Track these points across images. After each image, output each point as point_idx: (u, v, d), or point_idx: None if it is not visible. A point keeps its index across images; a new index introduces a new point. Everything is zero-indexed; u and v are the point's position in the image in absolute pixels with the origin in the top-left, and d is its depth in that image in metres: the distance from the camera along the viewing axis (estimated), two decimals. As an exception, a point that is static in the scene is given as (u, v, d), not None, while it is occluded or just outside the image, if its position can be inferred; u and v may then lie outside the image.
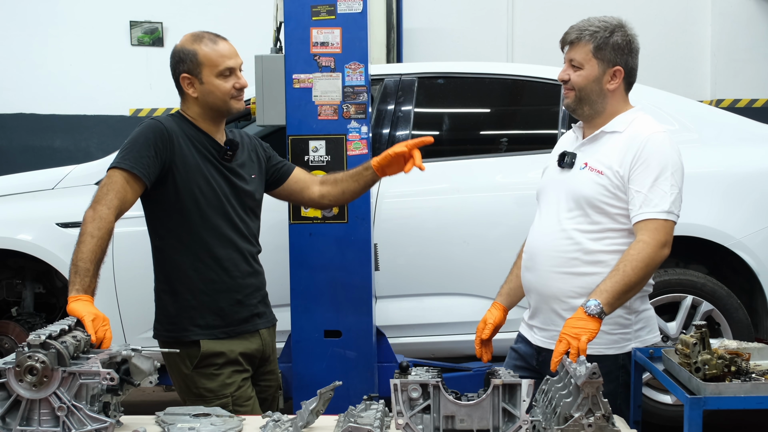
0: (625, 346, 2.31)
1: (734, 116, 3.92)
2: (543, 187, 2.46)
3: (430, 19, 7.54)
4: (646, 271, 2.13)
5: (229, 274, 2.40)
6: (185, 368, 2.37)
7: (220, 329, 2.39)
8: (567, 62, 2.33)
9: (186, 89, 2.39)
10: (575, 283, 2.28)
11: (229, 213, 2.40)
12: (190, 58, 2.36)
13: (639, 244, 2.15)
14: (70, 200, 3.53)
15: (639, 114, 2.34)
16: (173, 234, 2.37)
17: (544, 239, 2.35)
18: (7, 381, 1.70)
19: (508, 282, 2.56)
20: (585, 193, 2.27)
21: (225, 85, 2.37)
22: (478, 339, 2.49)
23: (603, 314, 2.06)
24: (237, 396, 2.37)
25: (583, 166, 2.31)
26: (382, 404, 1.89)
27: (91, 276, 2.08)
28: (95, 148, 7.40)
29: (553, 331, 2.34)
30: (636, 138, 2.24)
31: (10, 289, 3.75)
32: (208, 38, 2.39)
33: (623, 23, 2.34)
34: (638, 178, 2.20)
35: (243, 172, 2.47)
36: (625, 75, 2.33)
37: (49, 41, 7.45)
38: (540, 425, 1.76)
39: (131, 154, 2.26)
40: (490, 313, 2.50)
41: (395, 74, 3.76)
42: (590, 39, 2.27)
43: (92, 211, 2.17)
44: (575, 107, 2.34)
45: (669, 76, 7.27)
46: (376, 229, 3.39)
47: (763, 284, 3.50)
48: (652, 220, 2.17)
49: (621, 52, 2.31)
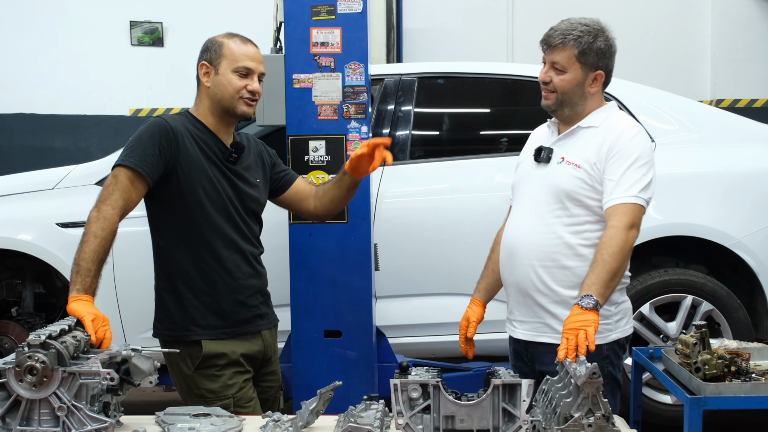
0: (608, 336, 2.34)
1: (734, 116, 3.92)
2: (518, 181, 2.50)
3: (430, 19, 7.54)
4: (622, 254, 2.16)
5: (231, 275, 2.40)
6: (186, 369, 2.36)
7: (222, 329, 2.39)
8: (549, 64, 2.36)
9: (201, 77, 2.41)
10: (558, 275, 2.31)
11: (232, 214, 2.40)
12: (215, 48, 2.39)
13: (609, 230, 2.20)
14: (70, 200, 3.53)
15: (614, 110, 2.40)
16: (176, 233, 2.37)
17: (525, 234, 2.37)
18: (7, 381, 1.70)
19: (484, 277, 2.58)
20: (564, 186, 2.31)
21: (238, 82, 2.37)
22: (463, 337, 2.52)
23: (598, 306, 2.09)
24: (238, 397, 2.37)
25: (560, 160, 2.35)
26: (382, 404, 1.89)
27: (93, 276, 2.08)
28: (95, 148, 7.40)
29: (536, 323, 2.37)
30: (611, 132, 2.30)
31: (10, 289, 3.75)
32: (240, 38, 2.43)
33: (604, 27, 2.38)
34: (611, 168, 2.26)
35: (248, 175, 2.47)
36: (605, 77, 2.38)
37: (50, 41, 7.45)
38: (540, 425, 1.76)
39: (136, 152, 2.26)
40: (471, 311, 2.53)
41: (395, 74, 3.76)
42: (575, 44, 2.30)
43: (96, 211, 2.17)
44: (555, 108, 2.38)
45: (669, 76, 7.28)
46: (376, 229, 3.39)
47: (763, 284, 3.50)
48: (620, 204, 2.22)
49: (603, 57, 2.35)
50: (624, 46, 8.71)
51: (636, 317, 3.50)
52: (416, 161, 3.68)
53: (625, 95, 3.72)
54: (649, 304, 3.51)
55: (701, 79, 7.58)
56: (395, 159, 3.61)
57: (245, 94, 2.38)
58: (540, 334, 2.37)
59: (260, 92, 2.43)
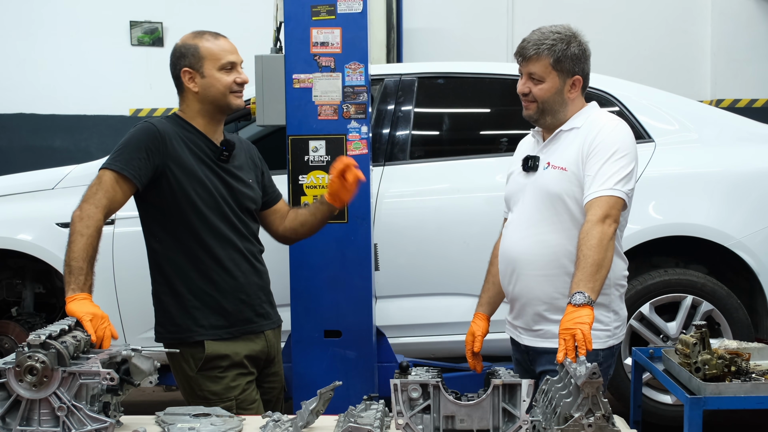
0: (605, 342, 2.33)
1: (734, 116, 3.92)
2: (510, 193, 2.50)
3: (430, 19, 7.54)
4: (600, 246, 2.12)
5: (230, 275, 2.40)
6: (189, 370, 2.36)
7: (225, 329, 2.38)
8: (526, 75, 2.36)
9: (186, 84, 2.40)
10: (558, 284, 2.30)
11: (226, 213, 2.40)
12: (192, 53, 2.38)
13: (585, 225, 2.19)
14: (70, 200, 3.48)
15: (594, 109, 2.40)
16: (172, 235, 2.37)
17: (521, 245, 2.37)
18: (7, 381, 1.70)
19: (485, 291, 2.58)
20: (552, 190, 2.31)
21: (227, 78, 2.39)
22: (470, 352, 2.52)
23: (591, 301, 2.07)
24: (241, 399, 2.37)
25: (546, 165, 2.35)
26: (382, 404, 1.89)
27: (86, 274, 2.08)
28: (95, 148, 7.40)
29: (538, 331, 2.37)
30: (591, 129, 2.30)
31: (10, 289, 3.75)
32: (209, 35, 2.43)
33: (576, 32, 2.37)
34: (590, 163, 2.26)
35: (241, 174, 2.47)
36: (583, 81, 2.38)
37: (49, 41, 7.45)
38: (540, 425, 1.76)
39: (122, 156, 2.27)
40: (476, 325, 2.53)
41: (395, 74, 3.76)
42: (549, 53, 2.30)
43: (79, 211, 2.18)
44: (538, 118, 2.38)
45: (669, 76, 7.27)
46: (376, 229, 3.39)
47: (763, 284, 3.50)
48: (596, 198, 2.20)
49: (579, 62, 2.35)
50: (624, 46, 8.71)
51: (636, 317, 3.50)
52: (416, 161, 3.68)
53: (625, 95, 3.72)
54: (649, 304, 3.51)
55: (701, 79, 7.58)
56: (395, 159, 3.62)
57: (234, 88, 2.40)
58: (541, 339, 2.37)
59: (247, 79, 2.45)
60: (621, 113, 3.59)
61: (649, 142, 3.60)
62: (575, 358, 1.93)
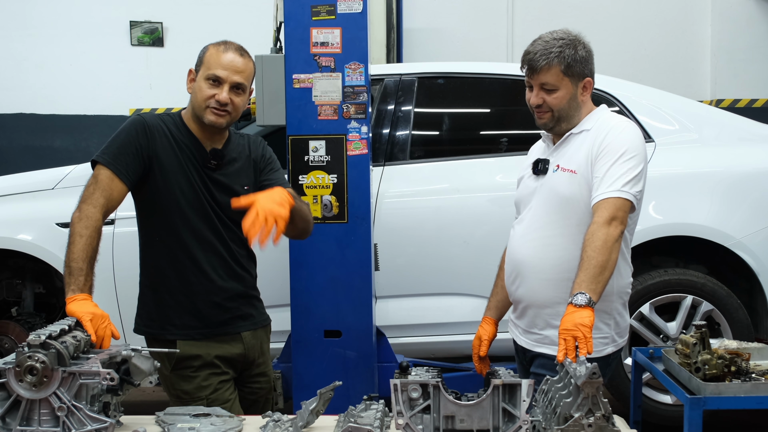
0: (603, 350, 2.31)
1: (734, 116, 3.92)
2: (520, 197, 2.49)
3: (430, 19, 7.54)
4: (605, 248, 2.11)
5: (206, 277, 2.38)
6: (164, 369, 2.36)
7: (197, 330, 2.38)
8: (537, 87, 2.33)
9: (187, 84, 2.42)
10: (561, 289, 2.27)
11: (211, 217, 2.38)
12: (201, 54, 2.40)
13: (591, 226, 2.17)
14: (70, 200, 3.48)
15: (604, 111, 2.39)
16: (156, 232, 2.38)
17: (527, 248, 2.36)
18: (7, 381, 1.70)
19: (494, 295, 2.58)
20: (562, 193, 2.30)
21: (206, 90, 2.33)
22: (476, 356, 2.52)
23: (592, 302, 2.06)
24: (213, 399, 2.35)
25: (555, 168, 2.34)
26: (382, 404, 1.89)
27: (85, 275, 2.08)
28: (95, 148, 7.32)
29: (537, 335, 2.37)
30: (601, 130, 2.29)
31: (10, 289, 3.75)
32: (225, 45, 2.38)
33: (577, 35, 2.36)
34: (598, 165, 2.25)
35: (231, 182, 2.42)
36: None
37: (49, 41, 7.45)
38: (540, 425, 1.76)
39: (110, 149, 2.29)
40: (483, 330, 2.52)
41: (395, 74, 3.76)
42: (559, 61, 2.28)
43: (78, 212, 2.19)
44: (553, 125, 2.36)
45: (669, 76, 7.28)
46: (376, 229, 3.39)
47: (763, 284, 3.50)
48: (603, 200, 2.19)
49: (587, 64, 2.34)
50: (624, 46, 8.71)
51: (636, 317, 3.50)
52: (416, 161, 3.68)
53: (625, 95, 3.72)
54: (649, 304, 3.51)
55: (701, 79, 7.58)
56: (395, 159, 3.63)
57: (212, 104, 2.33)
58: (538, 344, 2.37)
59: (226, 100, 2.32)
60: (621, 113, 3.59)
61: (649, 142, 3.60)
62: (575, 358, 1.93)
